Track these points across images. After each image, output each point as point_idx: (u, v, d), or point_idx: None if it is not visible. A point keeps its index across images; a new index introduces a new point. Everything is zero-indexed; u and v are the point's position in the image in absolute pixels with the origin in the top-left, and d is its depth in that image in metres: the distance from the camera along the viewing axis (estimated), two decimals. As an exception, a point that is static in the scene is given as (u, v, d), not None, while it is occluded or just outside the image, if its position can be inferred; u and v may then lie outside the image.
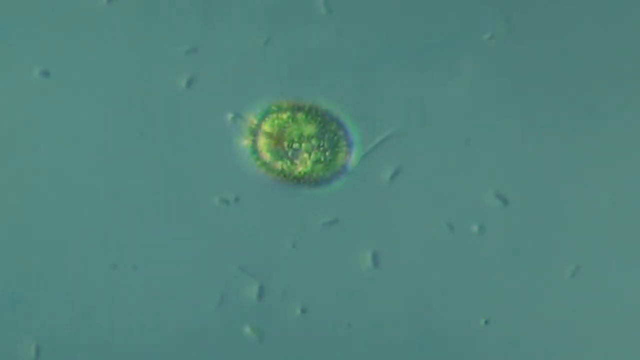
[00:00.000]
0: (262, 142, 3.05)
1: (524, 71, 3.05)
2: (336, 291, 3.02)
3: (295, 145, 3.03)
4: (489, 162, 3.03)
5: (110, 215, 3.04)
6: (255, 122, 3.04)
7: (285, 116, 3.04)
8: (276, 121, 3.05)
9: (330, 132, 3.05)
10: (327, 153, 3.05)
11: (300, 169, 3.04)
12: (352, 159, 3.05)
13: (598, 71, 3.04)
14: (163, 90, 3.05)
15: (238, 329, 3.02)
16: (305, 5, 3.07)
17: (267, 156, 3.05)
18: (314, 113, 3.05)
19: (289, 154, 3.04)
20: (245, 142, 3.04)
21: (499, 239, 3.01)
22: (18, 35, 3.06)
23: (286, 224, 3.04)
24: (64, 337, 3.02)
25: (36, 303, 3.02)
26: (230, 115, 3.02)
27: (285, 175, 3.04)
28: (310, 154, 3.04)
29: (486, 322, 2.99)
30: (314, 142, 3.03)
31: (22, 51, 3.06)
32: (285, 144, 3.01)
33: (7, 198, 3.05)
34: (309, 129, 3.04)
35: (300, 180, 3.05)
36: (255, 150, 3.05)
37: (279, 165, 3.04)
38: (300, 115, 3.05)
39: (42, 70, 3.06)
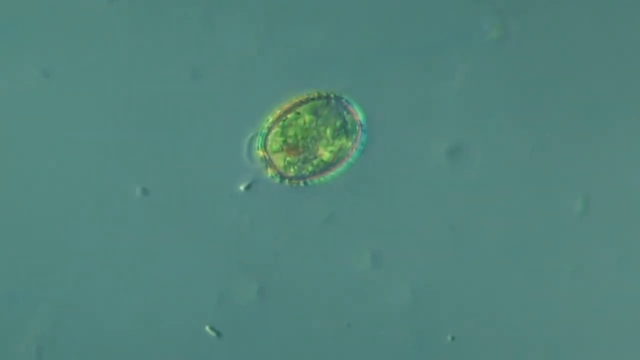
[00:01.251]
0: (277, 158, 3.04)
1: (522, 72, 3.06)
2: (335, 291, 3.03)
3: (311, 144, 3.03)
4: (488, 162, 3.04)
5: (110, 215, 3.04)
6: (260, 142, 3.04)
7: (289, 117, 3.04)
8: (280, 131, 3.04)
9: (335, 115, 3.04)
10: (341, 136, 3.04)
11: (315, 161, 3.04)
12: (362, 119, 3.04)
13: (599, 72, 3.05)
14: (164, 91, 3.05)
15: (237, 329, 3.03)
16: (304, 5, 3.08)
17: (280, 165, 3.04)
18: (314, 105, 3.04)
19: (307, 154, 3.03)
20: (260, 154, 3.04)
21: (499, 238, 3.02)
22: (18, 35, 3.06)
23: (286, 224, 3.04)
24: (64, 337, 3.02)
25: (36, 303, 3.02)
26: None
27: (299, 179, 3.04)
28: (327, 145, 3.03)
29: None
30: (328, 131, 3.03)
31: (22, 51, 3.06)
32: (300, 150, 3.01)
33: (6, 198, 3.04)
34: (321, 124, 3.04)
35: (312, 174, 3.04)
36: (269, 163, 3.04)
37: (291, 170, 3.04)
38: (301, 110, 3.04)
39: (42, 70, 3.06)
